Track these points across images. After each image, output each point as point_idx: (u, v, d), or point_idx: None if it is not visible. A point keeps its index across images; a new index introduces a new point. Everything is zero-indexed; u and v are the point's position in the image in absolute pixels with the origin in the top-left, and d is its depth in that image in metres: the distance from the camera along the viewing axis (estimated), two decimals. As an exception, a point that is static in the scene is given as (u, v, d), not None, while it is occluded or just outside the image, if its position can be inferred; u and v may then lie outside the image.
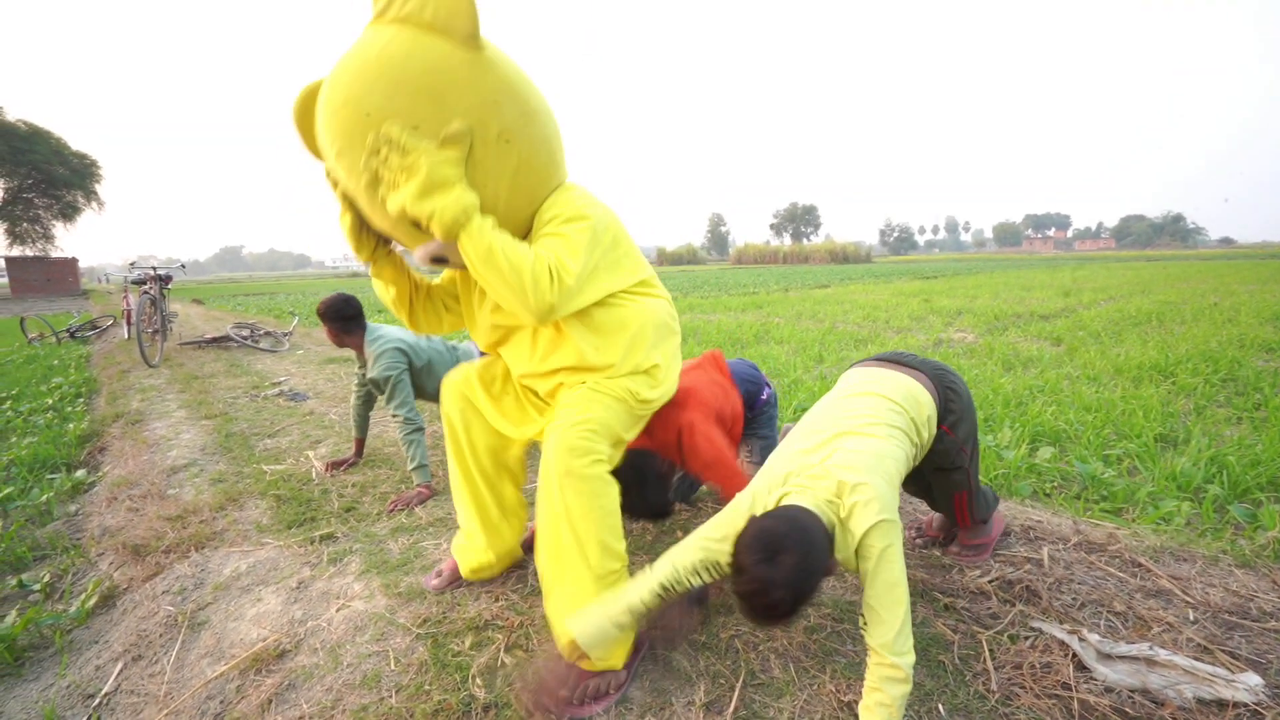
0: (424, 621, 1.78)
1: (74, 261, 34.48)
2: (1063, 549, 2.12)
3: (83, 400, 5.38)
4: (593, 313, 1.55)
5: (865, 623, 1.29)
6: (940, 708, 1.41)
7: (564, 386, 1.62)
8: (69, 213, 32.98)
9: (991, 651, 1.59)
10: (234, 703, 1.58)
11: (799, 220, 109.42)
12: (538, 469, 1.70)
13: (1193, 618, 1.74)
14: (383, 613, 1.83)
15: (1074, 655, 1.56)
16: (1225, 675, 1.45)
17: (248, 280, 69.12)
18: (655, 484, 1.85)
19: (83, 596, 2.17)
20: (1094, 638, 1.60)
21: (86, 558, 2.53)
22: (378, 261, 1.65)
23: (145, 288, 7.45)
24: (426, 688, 1.51)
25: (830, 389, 1.80)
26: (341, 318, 2.89)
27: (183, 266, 9.11)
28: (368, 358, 2.93)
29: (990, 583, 1.90)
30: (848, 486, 1.31)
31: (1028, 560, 2.04)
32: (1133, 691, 1.44)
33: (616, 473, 1.47)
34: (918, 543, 2.16)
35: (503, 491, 1.89)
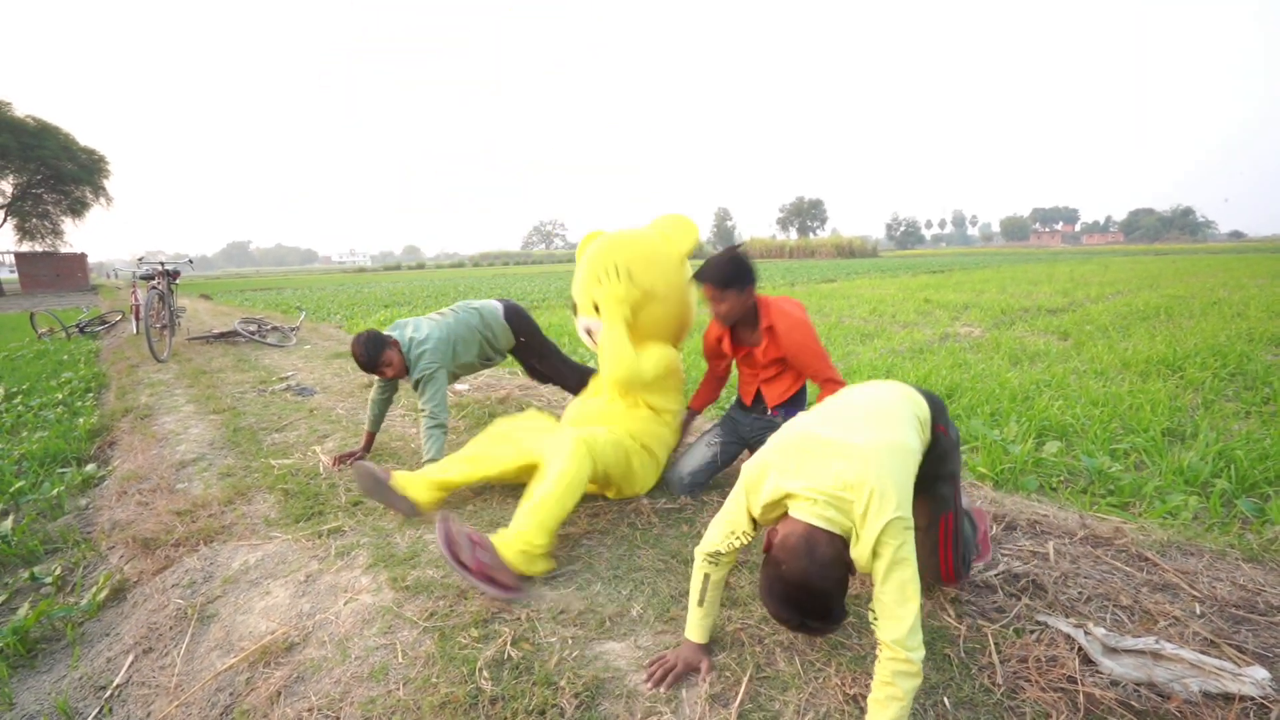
0: (431, 615, 1.79)
1: (83, 257, 34.68)
2: (1069, 543, 2.12)
3: (92, 395, 5.42)
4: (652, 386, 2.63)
5: (876, 617, 1.29)
6: (946, 700, 1.42)
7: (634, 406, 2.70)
8: (78, 208, 33.13)
9: (997, 645, 1.59)
10: (243, 695, 1.59)
11: (805, 214, 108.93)
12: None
13: (1199, 612, 1.73)
14: (390, 606, 1.84)
15: (1080, 649, 1.56)
16: (1232, 669, 1.45)
17: (255, 275, 69.39)
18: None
19: (94, 590, 2.20)
20: (1100, 631, 1.59)
21: (97, 551, 2.56)
22: None
23: (153, 283, 7.49)
24: (434, 680, 1.53)
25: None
26: (375, 364, 2.96)
27: (190, 262, 9.15)
28: (410, 361, 3.01)
29: (996, 576, 1.90)
30: (863, 486, 1.30)
31: (1034, 554, 2.04)
32: (1139, 685, 1.44)
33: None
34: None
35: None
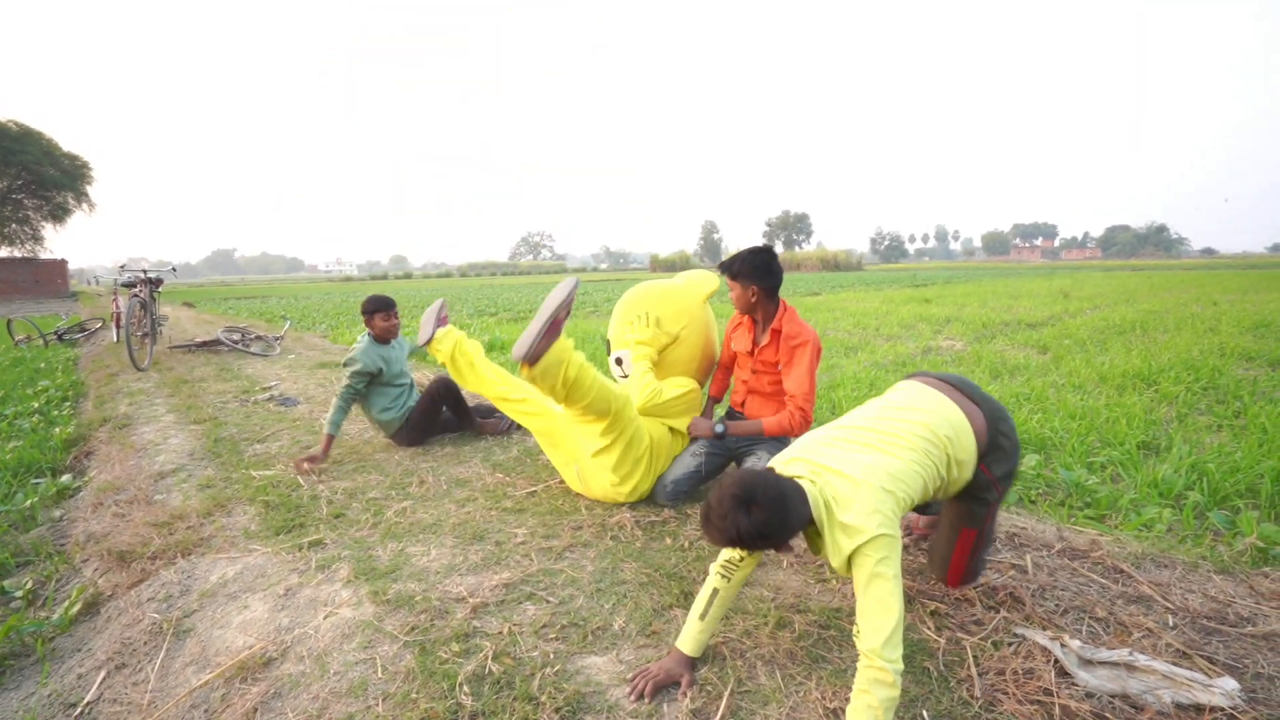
0: (412, 629, 1.77)
1: (63, 263, 34.13)
2: (1046, 555, 2.15)
3: (69, 404, 5.33)
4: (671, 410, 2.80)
5: (858, 629, 1.31)
6: (925, 713, 1.43)
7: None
8: (59, 214, 32.67)
9: (975, 658, 1.61)
10: (219, 711, 1.57)
11: (791, 228, 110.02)
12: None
13: (1172, 623, 1.77)
14: (370, 620, 1.83)
15: (1056, 661, 1.58)
16: (1202, 680, 1.47)
17: (239, 283, 68.63)
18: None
19: (66, 604, 2.15)
20: (1075, 644, 1.62)
21: (71, 564, 2.51)
22: None
23: (135, 290, 7.39)
24: (413, 696, 1.51)
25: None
26: (389, 305, 3.60)
27: (174, 269, 9.02)
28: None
29: (975, 589, 1.92)
30: (855, 494, 1.36)
31: (1012, 566, 2.07)
32: (1113, 697, 1.46)
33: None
34: (905, 542, 2.18)
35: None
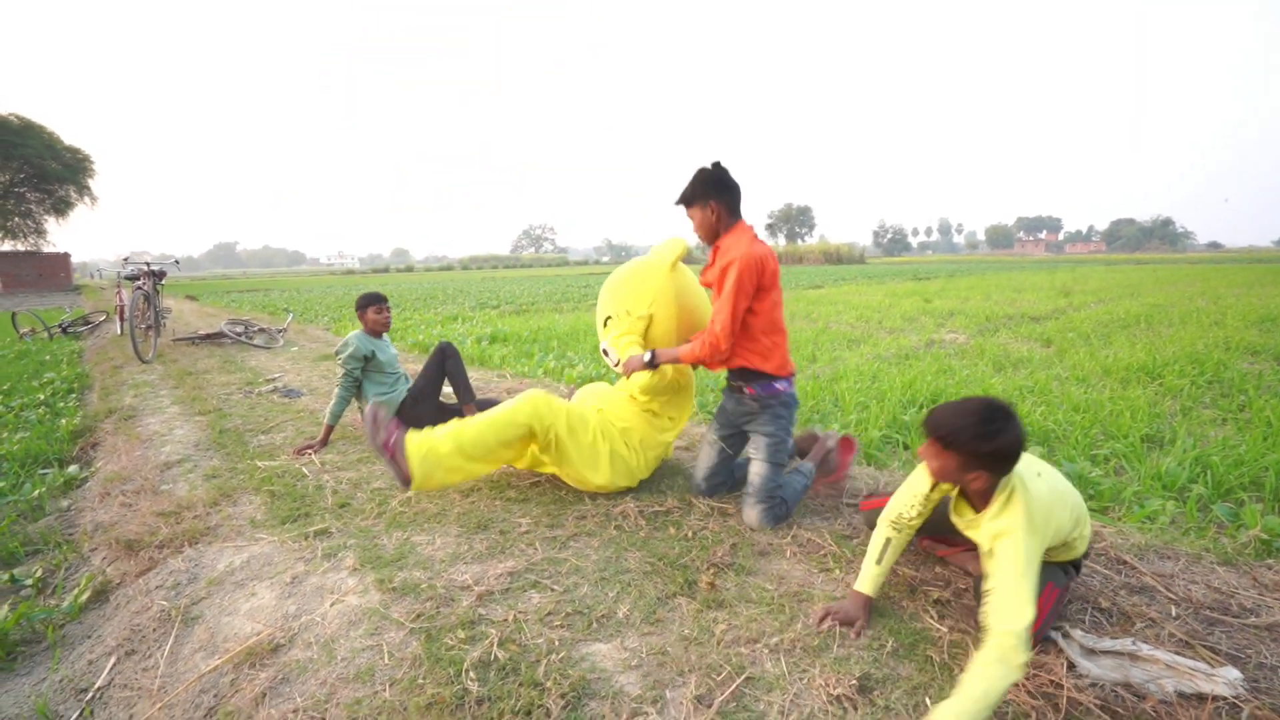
0: (417, 616, 1.79)
1: (66, 257, 34.19)
2: (1049, 547, 2.15)
3: (75, 396, 5.35)
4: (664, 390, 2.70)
5: (992, 608, 1.40)
6: (929, 701, 1.44)
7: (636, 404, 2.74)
8: (62, 208, 32.70)
9: (978, 648, 1.61)
10: (228, 696, 1.59)
11: (794, 221, 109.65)
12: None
13: (1175, 614, 1.77)
14: (376, 607, 1.84)
15: (1063, 654, 1.58)
16: (1205, 669, 1.48)
17: (242, 276, 68.73)
18: None
19: (75, 591, 2.17)
20: (1079, 634, 1.63)
21: (79, 553, 2.53)
22: None
23: (139, 283, 7.41)
24: (420, 681, 1.53)
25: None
26: (382, 300, 3.73)
27: (176, 262, 9.04)
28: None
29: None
30: (1041, 495, 1.55)
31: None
32: (1116, 686, 1.47)
33: None
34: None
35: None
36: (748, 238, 2.32)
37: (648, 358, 2.46)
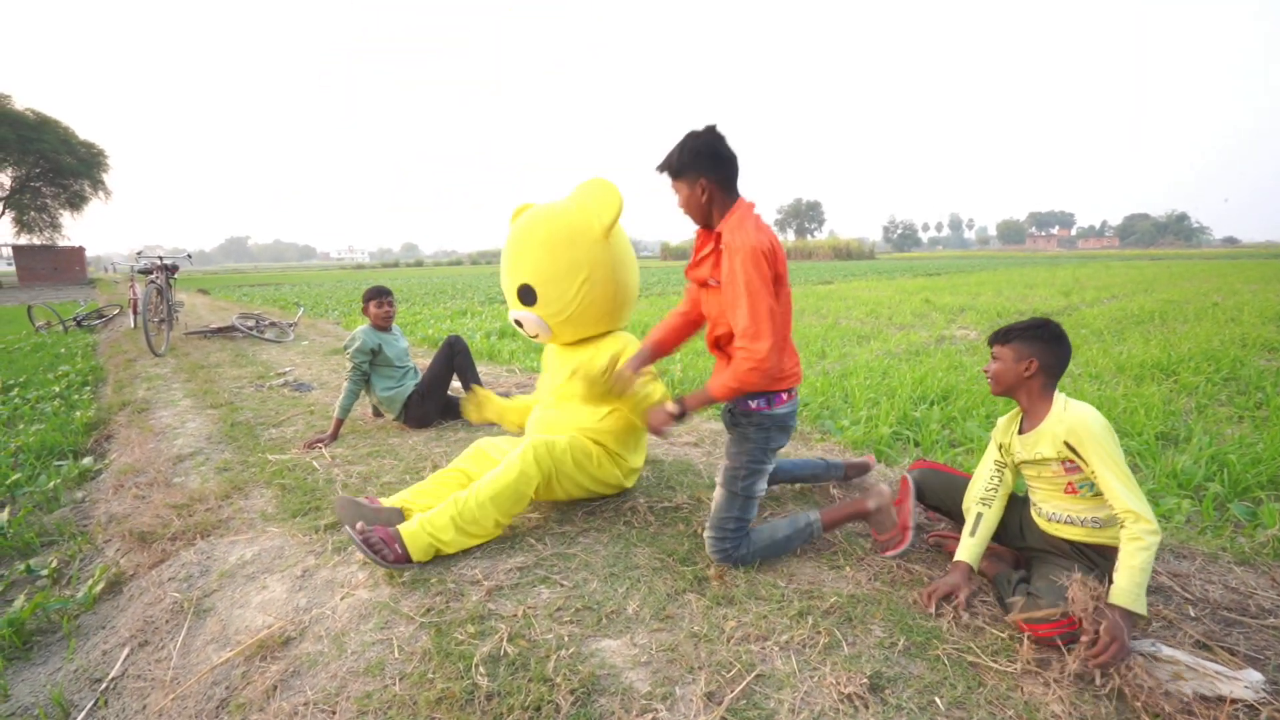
0: (427, 611, 1.79)
1: (81, 250, 34.58)
2: (1063, 546, 2.13)
3: (89, 388, 5.41)
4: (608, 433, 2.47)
5: (1114, 497, 1.58)
6: (938, 701, 1.42)
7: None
8: (76, 202, 33.03)
9: (990, 646, 1.60)
10: (239, 688, 1.60)
11: (803, 216, 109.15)
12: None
13: (1192, 614, 1.75)
14: (386, 601, 1.85)
15: (1072, 650, 1.56)
16: (1227, 672, 1.46)
17: (253, 271, 69.23)
18: None
19: (90, 582, 2.20)
20: (1093, 633, 1.60)
21: (93, 544, 2.56)
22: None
23: (152, 277, 7.47)
24: (430, 676, 1.53)
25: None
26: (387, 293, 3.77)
27: (189, 256, 9.12)
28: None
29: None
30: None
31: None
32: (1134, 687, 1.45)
33: None
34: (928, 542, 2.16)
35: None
36: (751, 223, 1.86)
37: (676, 410, 1.95)
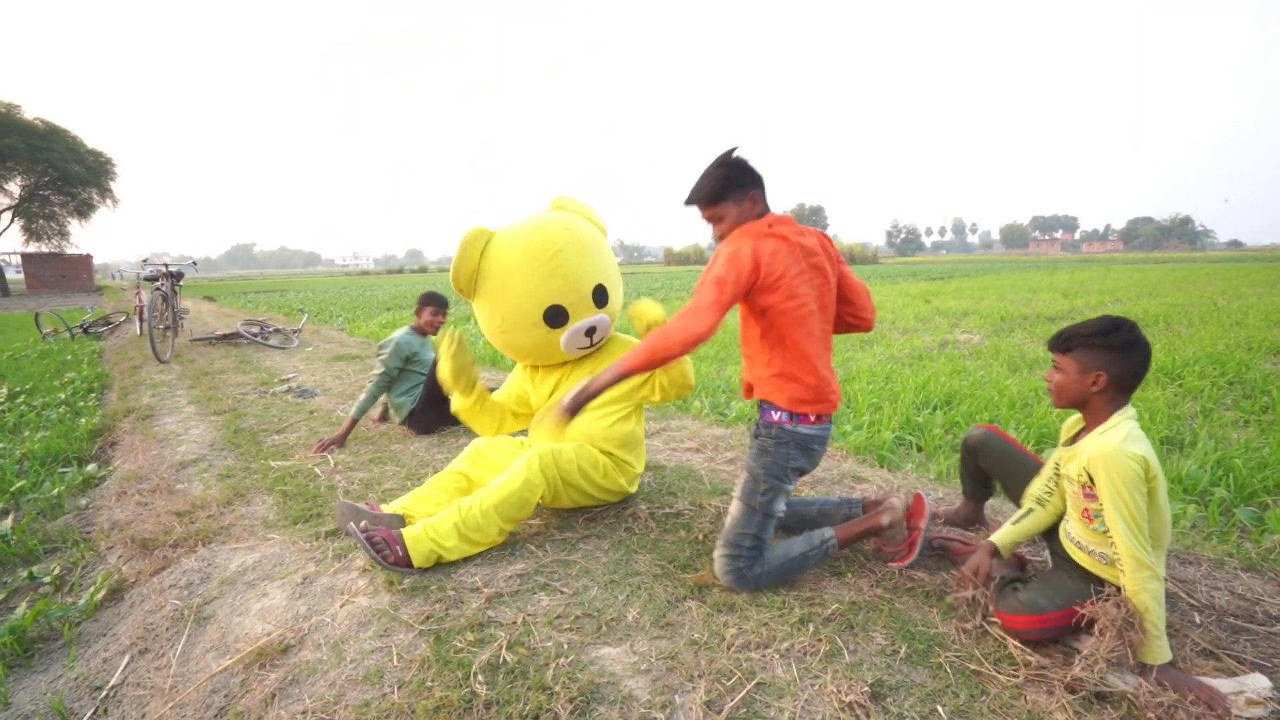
0: (427, 618, 1.79)
1: (88, 258, 34.82)
2: (1067, 552, 2.11)
3: (95, 395, 5.43)
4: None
5: (1112, 535, 1.50)
6: (941, 709, 1.41)
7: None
8: (84, 210, 33.26)
9: (993, 654, 1.59)
10: (238, 696, 1.59)
11: (806, 221, 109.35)
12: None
13: (1198, 621, 1.73)
14: (386, 609, 1.84)
15: (1076, 659, 1.55)
16: (1233, 685, 1.44)
17: (259, 278, 69.59)
18: None
19: (92, 590, 2.20)
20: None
21: (96, 551, 2.56)
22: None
23: (158, 284, 7.52)
24: (429, 684, 1.52)
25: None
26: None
27: (194, 263, 9.17)
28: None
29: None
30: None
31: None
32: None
33: None
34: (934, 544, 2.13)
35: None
36: (755, 224, 1.84)
37: (567, 401, 1.77)
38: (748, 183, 1.85)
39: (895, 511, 2.05)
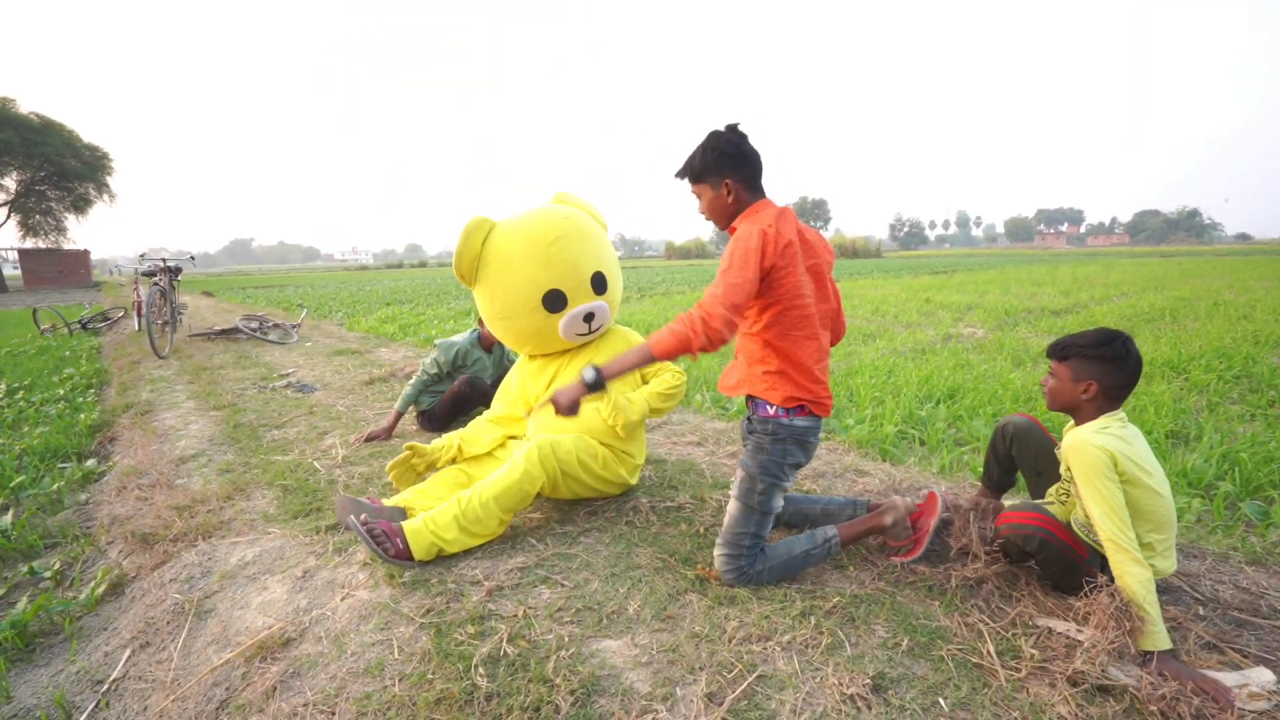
0: (427, 611, 1.78)
1: (86, 253, 34.76)
2: (1070, 545, 2.10)
3: (94, 391, 5.43)
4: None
5: (1094, 524, 1.58)
6: (942, 702, 1.41)
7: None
8: (81, 205, 33.20)
9: (997, 649, 1.58)
10: (239, 689, 1.59)
11: (809, 214, 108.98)
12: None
13: (1202, 614, 1.72)
14: (387, 602, 1.84)
15: (1079, 651, 1.54)
16: (1236, 677, 1.43)
17: (257, 273, 69.57)
18: None
19: (92, 584, 2.20)
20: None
21: (96, 546, 2.56)
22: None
23: (155, 279, 7.50)
24: (429, 677, 1.52)
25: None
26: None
27: (192, 259, 9.16)
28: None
29: (995, 578, 1.89)
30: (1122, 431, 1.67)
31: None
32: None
33: None
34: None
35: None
36: (771, 214, 1.78)
37: (591, 377, 1.75)
38: (727, 168, 1.80)
39: (898, 511, 2.04)
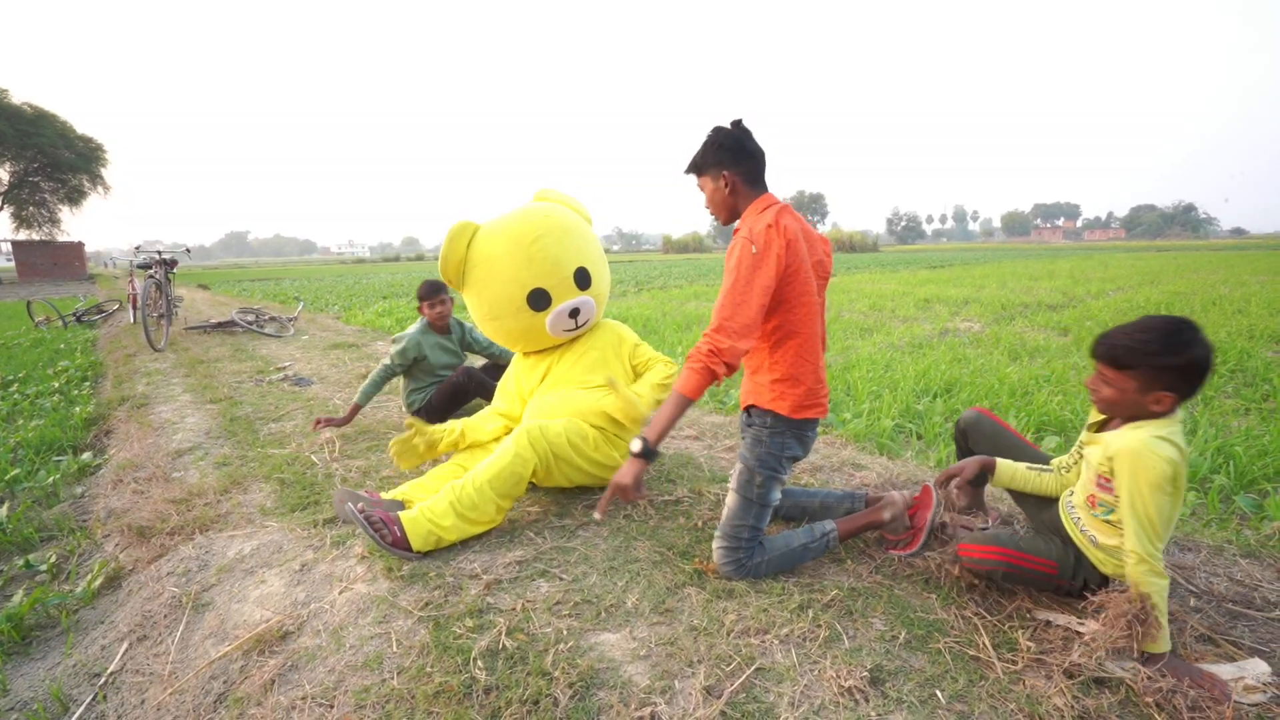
0: (426, 605, 1.78)
1: (80, 246, 34.55)
2: (1066, 538, 2.11)
3: (89, 384, 5.41)
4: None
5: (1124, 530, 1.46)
6: (939, 694, 1.41)
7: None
8: (75, 197, 32.98)
9: (994, 642, 1.59)
10: (237, 683, 1.59)
11: (806, 209, 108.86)
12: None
13: (1196, 606, 1.73)
14: (385, 595, 1.84)
15: (1076, 644, 1.55)
16: (1232, 670, 1.44)
17: (253, 265, 69.27)
18: None
19: (89, 577, 2.19)
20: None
21: (92, 539, 2.55)
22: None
23: (151, 272, 7.47)
24: (428, 670, 1.52)
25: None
26: (440, 290, 3.56)
27: (188, 251, 9.12)
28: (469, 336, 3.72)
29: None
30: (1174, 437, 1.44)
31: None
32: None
33: None
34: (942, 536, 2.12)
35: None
36: (773, 213, 1.79)
37: (638, 448, 1.71)
38: (726, 161, 1.83)
39: (896, 506, 2.05)
